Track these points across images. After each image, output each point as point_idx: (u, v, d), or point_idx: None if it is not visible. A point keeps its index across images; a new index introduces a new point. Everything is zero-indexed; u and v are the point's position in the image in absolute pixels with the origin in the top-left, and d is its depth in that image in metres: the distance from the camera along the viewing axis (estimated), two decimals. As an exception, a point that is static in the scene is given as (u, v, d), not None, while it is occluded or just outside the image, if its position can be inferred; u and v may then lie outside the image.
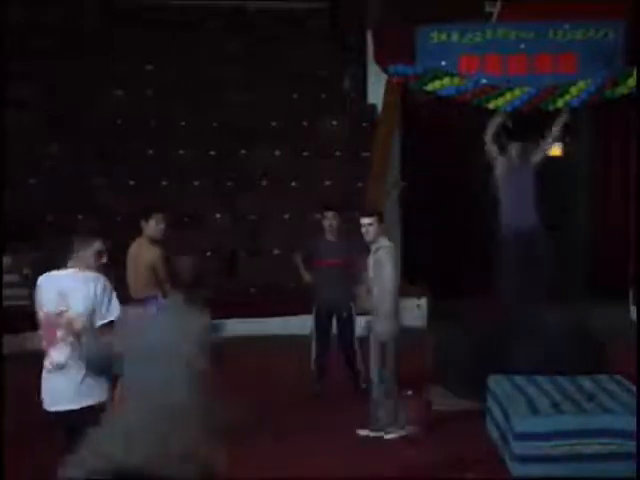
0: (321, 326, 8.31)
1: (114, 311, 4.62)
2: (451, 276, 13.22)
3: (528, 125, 15.12)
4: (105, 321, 4.59)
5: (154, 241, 6.88)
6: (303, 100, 15.20)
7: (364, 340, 8.16)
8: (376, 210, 7.62)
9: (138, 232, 7.24)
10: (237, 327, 11.72)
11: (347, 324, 8.31)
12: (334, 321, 8.36)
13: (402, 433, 6.96)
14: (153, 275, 6.69)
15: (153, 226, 6.91)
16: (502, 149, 9.94)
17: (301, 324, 8.60)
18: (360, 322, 8.12)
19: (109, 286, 4.70)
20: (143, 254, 6.79)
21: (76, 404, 4.69)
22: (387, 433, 7.00)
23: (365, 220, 7.21)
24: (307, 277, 8.48)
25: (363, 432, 7.12)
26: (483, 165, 16.96)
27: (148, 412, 3.69)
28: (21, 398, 7.76)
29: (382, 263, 6.98)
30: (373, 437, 6.99)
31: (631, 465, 5.67)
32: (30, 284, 11.65)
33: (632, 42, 13.14)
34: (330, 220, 8.33)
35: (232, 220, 13.37)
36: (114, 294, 4.71)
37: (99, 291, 4.60)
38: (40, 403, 4.95)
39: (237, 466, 5.99)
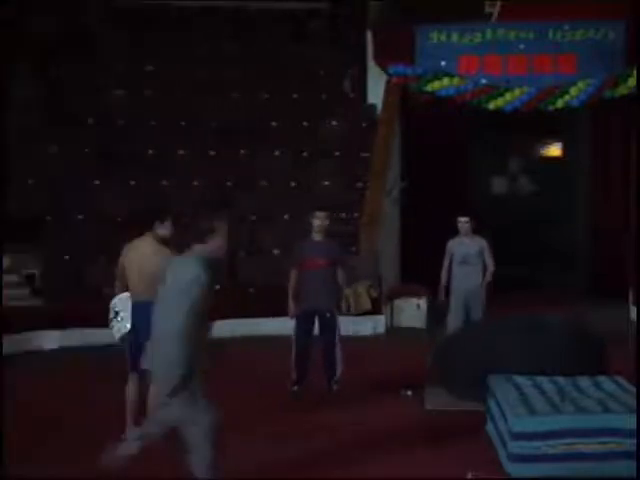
0: (302, 326, 8.21)
1: None
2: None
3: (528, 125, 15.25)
4: None
5: (164, 242, 6.80)
6: (303, 100, 15.21)
7: (350, 340, 8.15)
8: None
9: (138, 232, 7.11)
10: (237, 327, 11.76)
11: (330, 324, 8.21)
12: (316, 321, 8.26)
13: None
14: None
15: (169, 226, 6.83)
16: None
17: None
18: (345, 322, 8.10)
19: None
20: (154, 255, 6.64)
21: None
22: None
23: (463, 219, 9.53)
24: (292, 312, 8.36)
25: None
26: (482, 165, 17.04)
27: None
28: (21, 397, 7.80)
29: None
30: None
31: (630, 464, 5.66)
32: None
33: (632, 42, 13.14)
34: (322, 220, 8.26)
35: (232, 220, 13.34)
36: None
37: None
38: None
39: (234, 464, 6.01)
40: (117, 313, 6.73)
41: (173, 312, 5.07)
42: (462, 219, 9.55)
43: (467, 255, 9.51)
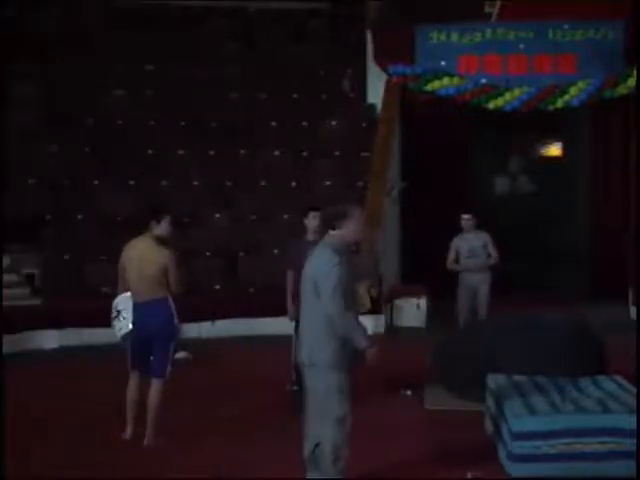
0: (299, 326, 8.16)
1: None
2: (450, 276, 13.23)
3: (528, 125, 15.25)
4: None
5: (162, 242, 6.80)
6: (303, 100, 15.21)
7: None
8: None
9: (137, 232, 7.10)
10: (237, 327, 11.77)
11: None
12: None
13: None
14: (164, 276, 6.60)
15: (165, 227, 6.82)
16: None
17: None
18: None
19: None
20: (153, 255, 6.65)
21: None
22: None
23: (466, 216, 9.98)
24: (292, 314, 8.28)
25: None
26: (482, 165, 17.01)
27: None
28: (21, 397, 7.80)
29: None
30: None
31: (630, 464, 5.66)
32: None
33: (632, 42, 13.15)
34: (316, 220, 8.20)
35: (232, 220, 13.37)
36: None
37: None
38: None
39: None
40: (119, 312, 6.74)
41: (313, 302, 5.15)
42: (465, 216, 10.11)
43: (473, 248, 10.07)
